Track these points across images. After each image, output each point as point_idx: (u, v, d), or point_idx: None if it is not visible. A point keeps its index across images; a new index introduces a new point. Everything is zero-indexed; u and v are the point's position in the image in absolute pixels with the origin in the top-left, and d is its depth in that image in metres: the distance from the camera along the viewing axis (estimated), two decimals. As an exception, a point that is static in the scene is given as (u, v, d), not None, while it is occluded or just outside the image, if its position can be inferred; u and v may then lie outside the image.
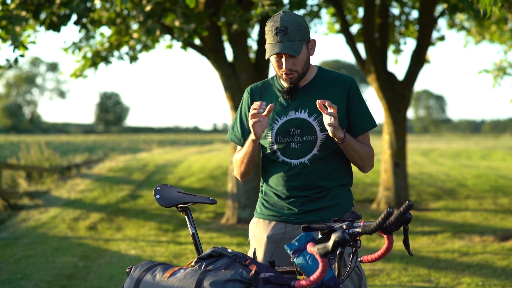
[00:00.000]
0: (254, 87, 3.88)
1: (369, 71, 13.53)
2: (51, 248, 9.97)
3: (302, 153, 3.67)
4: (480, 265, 8.47)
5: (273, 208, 3.77)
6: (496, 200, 14.36)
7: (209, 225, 11.96)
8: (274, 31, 3.56)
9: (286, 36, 3.54)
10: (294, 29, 3.55)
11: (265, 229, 3.77)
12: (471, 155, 32.37)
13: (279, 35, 3.54)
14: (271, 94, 3.79)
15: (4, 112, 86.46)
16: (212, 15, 11.36)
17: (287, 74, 3.62)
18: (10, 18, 9.51)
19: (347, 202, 3.77)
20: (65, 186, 16.61)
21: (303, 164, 3.68)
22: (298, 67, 3.61)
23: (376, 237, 10.27)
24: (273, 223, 3.76)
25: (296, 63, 3.60)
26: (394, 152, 13.57)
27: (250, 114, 3.49)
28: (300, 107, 3.68)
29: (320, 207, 3.67)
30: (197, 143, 42.92)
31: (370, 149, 3.78)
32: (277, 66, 3.64)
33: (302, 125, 3.67)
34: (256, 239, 3.81)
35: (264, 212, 3.82)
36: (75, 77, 13.24)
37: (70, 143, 41.02)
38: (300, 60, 3.61)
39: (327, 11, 15.58)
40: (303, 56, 3.61)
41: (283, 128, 3.69)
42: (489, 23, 15.03)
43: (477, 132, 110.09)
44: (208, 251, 3.34)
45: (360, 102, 3.75)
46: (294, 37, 3.55)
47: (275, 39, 3.55)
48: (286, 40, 3.54)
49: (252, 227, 3.88)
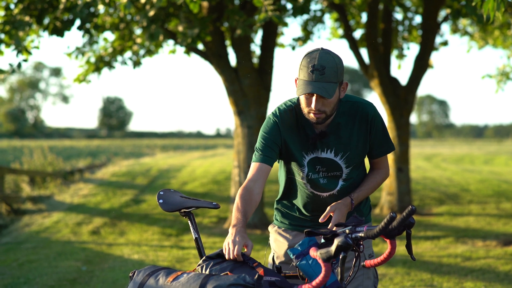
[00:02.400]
0: (283, 116, 3.70)
1: (372, 76, 13.54)
2: (54, 253, 9.98)
3: (329, 188, 3.72)
4: (483, 270, 8.46)
5: (294, 220, 3.84)
6: (499, 205, 14.35)
7: (212, 229, 11.96)
8: (311, 68, 3.39)
9: (322, 76, 3.38)
10: (331, 70, 3.41)
11: (287, 237, 3.83)
12: (474, 160, 32.35)
13: (315, 74, 3.38)
14: (300, 128, 3.68)
15: (7, 117, 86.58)
16: (215, 20, 11.37)
17: (315, 114, 3.50)
18: (13, 23, 9.53)
19: (366, 208, 3.86)
20: (68, 191, 16.62)
21: (332, 195, 3.74)
22: (328, 108, 3.50)
23: (379, 241, 10.27)
24: (295, 232, 3.83)
25: (326, 104, 3.48)
26: (397, 157, 13.56)
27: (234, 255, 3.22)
28: (326, 147, 3.65)
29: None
30: (200, 148, 42.99)
31: (379, 177, 3.82)
32: (306, 104, 3.51)
33: (329, 164, 3.68)
34: (277, 245, 3.86)
35: (285, 221, 3.88)
36: (78, 82, 13.25)
37: (73, 148, 41.07)
38: (331, 102, 3.49)
39: (331, 16, 15.59)
40: (334, 98, 3.49)
41: (311, 164, 3.69)
42: (492, 28, 15.04)
43: (480, 137, 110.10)
44: (217, 251, 3.34)
45: (381, 130, 3.72)
46: (330, 78, 3.40)
47: (310, 76, 3.39)
48: (321, 80, 3.39)
49: (273, 233, 3.92)
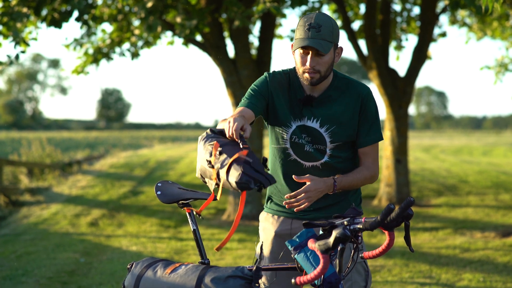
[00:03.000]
0: (276, 76, 3.70)
1: (371, 68, 13.52)
2: (53, 244, 9.97)
3: (314, 158, 3.65)
4: (482, 261, 8.47)
5: (281, 203, 3.77)
6: (497, 196, 14.36)
7: (210, 221, 11.96)
8: (307, 26, 3.46)
9: (318, 34, 3.44)
10: (327, 29, 3.47)
11: (274, 224, 3.78)
12: (472, 152, 32.38)
13: (311, 31, 3.45)
14: (291, 91, 3.69)
15: (5, 108, 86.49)
16: (213, 12, 11.35)
17: (310, 73, 3.51)
18: (11, 15, 9.52)
19: (355, 199, 3.78)
20: (66, 183, 16.62)
21: (315, 167, 3.67)
22: (322, 68, 3.51)
23: (377, 233, 10.27)
24: (281, 218, 3.77)
25: (320, 63, 3.50)
26: (396, 149, 13.56)
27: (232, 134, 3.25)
28: (313, 116, 3.62)
29: (328, 204, 3.67)
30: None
31: (367, 172, 3.69)
32: (301, 62, 3.53)
33: (314, 135, 3.64)
34: (265, 233, 3.83)
35: (273, 207, 3.83)
36: (76, 73, 13.24)
37: (71, 140, 41.06)
38: (326, 61, 3.51)
39: (329, 8, 15.56)
40: (329, 58, 3.52)
41: (296, 131, 3.65)
42: (490, 19, 15.02)
43: (479, 129, 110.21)
44: (221, 129, 3.37)
45: (372, 115, 3.67)
46: (326, 36, 3.46)
47: (306, 34, 3.46)
48: (317, 37, 3.44)
49: (262, 221, 3.89)
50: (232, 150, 3.16)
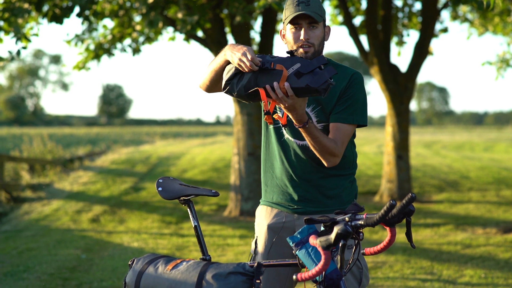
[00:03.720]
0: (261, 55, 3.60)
1: (372, 63, 13.51)
2: (54, 241, 9.98)
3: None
4: (483, 257, 8.47)
5: (274, 194, 3.76)
6: (499, 192, 14.35)
7: (211, 217, 11.97)
8: (296, 2, 3.49)
9: (308, 7, 3.46)
10: (316, 3, 3.51)
11: (267, 217, 3.77)
12: (474, 147, 32.36)
13: (301, 5, 3.47)
14: None
15: (7, 104, 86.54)
16: (215, 7, 11.34)
17: (304, 47, 3.51)
18: (12, 10, 9.50)
19: (347, 194, 3.72)
20: (67, 179, 16.62)
21: (306, 146, 3.63)
22: (316, 41, 3.52)
23: (378, 229, 10.27)
24: (275, 211, 3.75)
25: (313, 36, 3.51)
26: (397, 144, 13.56)
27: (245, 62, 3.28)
28: None
29: (319, 197, 3.65)
30: (200, 136, 43.01)
31: (333, 144, 3.52)
32: (294, 38, 3.53)
33: None
34: (258, 228, 3.81)
35: (268, 198, 3.82)
36: (78, 69, 13.23)
37: (73, 136, 41.08)
38: (318, 35, 3.53)
39: (330, 3, 15.54)
40: (320, 32, 3.54)
41: None
42: (492, 14, 14.99)
43: (480, 124, 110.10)
44: (234, 72, 3.36)
45: (352, 95, 3.59)
46: (316, 9, 3.48)
47: (297, 9, 3.48)
48: (308, 10, 3.46)
49: (257, 215, 3.88)
50: (271, 78, 3.25)
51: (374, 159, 19.99)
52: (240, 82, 3.30)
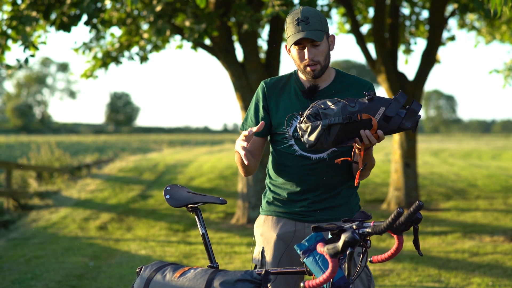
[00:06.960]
0: (271, 82, 3.78)
1: (380, 71, 13.51)
2: (61, 248, 10.00)
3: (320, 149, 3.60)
4: (491, 265, 8.45)
5: (283, 205, 3.73)
6: (506, 200, 14.32)
7: (219, 225, 11.97)
8: (296, 22, 3.50)
9: (308, 25, 3.47)
10: (315, 19, 3.50)
11: (274, 228, 3.73)
12: (481, 155, 32.29)
13: (301, 25, 3.48)
14: (289, 91, 3.71)
15: (14, 112, 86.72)
16: (222, 15, 11.36)
17: (310, 66, 3.54)
18: (20, 19, 9.54)
19: (355, 203, 3.75)
20: (75, 186, 16.66)
21: (322, 159, 3.64)
22: (320, 57, 3.54)
23: (386, 237, 10.26)
24: (282, 221, 3.72)
25: (318, 54, 3.53)
26: (405, 152, 13.55)
27: (241, 145, 3.47)
28: None
29: (330, 206, 3.65)
30: (207, 143, 43.01)
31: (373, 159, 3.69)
32: (299, 58, 3.56)
33: None
34: (264, 238, 3.76)
35: (273, 209, 3.77)
36: (85, 77, 13.27)
37: (80, 143, 41.12)
38: (322, 50, 3.54)
39: (338, 11, 15.56)
40: (324, 47, 3.55)
41: None
42: (499, 23, 15.00)
43: (488, 132, 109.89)
44: None
45: None
46: (316, 26, 3.49)
47: (297, 29, 3.50)
48: (308, 29, 3.47)
49: (259, 226, 3.83)
50: (360, 128, 3.32)
51: (381, 167, 19.99)
52: (328, 139, 3.33)
